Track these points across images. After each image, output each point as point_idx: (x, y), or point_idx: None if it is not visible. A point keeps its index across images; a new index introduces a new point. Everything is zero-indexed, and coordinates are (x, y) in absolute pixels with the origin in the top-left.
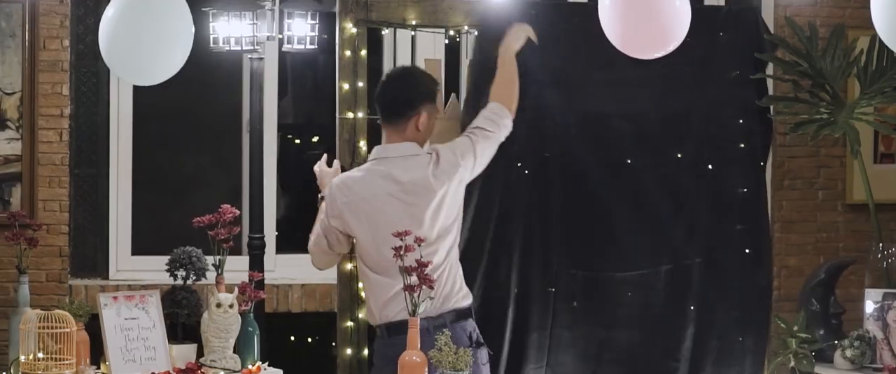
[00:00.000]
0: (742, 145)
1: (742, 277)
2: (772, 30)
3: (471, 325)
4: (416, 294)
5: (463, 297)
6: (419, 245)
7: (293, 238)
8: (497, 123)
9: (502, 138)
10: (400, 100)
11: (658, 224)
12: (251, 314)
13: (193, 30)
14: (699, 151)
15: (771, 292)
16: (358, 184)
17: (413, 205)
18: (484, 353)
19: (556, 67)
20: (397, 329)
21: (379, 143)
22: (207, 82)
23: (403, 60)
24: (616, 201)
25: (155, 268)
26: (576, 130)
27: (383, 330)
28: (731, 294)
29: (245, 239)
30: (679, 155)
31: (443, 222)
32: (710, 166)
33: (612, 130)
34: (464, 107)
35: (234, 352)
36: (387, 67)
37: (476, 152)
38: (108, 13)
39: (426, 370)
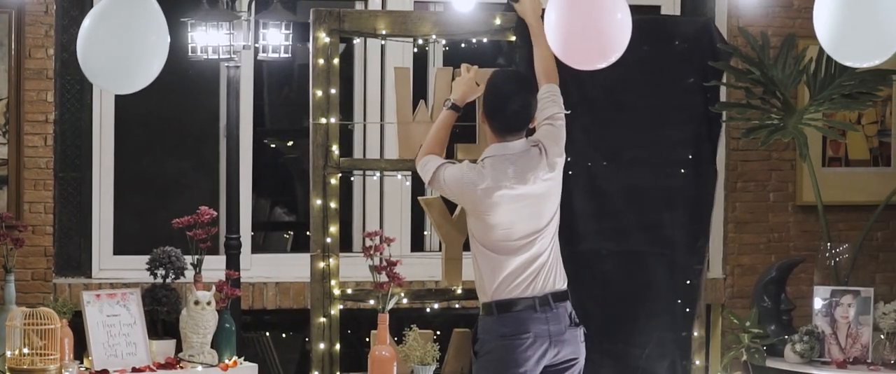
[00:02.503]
0: (694, 149)
1: (692, 274)
2: (726, 39)
3: (569, 306)
4: (386, 291)
5: (563, 280)
6: (388, 245)
7: (268, 239)
8: (560, 104)
9: None
10: (523, 114)
11: (612, 218)
12: (228, 311)
13: (169, 39)
14: (654, 155)
15: (701, 286)
16: (489, 174)
17: (532, 194)
18: (581, 331)
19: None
20: (507, 307)
21: (350, 148)
22: (186, 89)
23: (374, 68)
24: (574, 199)
25: (136, 267)
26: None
27: (494, 307)
28: (681, 290)
29: (222, 239)
30: (635, 157)
31: (551, 209)
32: (665, 169)
33: (569, 133)
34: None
35: (212, 347)
36: (358, 74)
37: (564, 137)
38: (86, 24)
39: (395, 364)
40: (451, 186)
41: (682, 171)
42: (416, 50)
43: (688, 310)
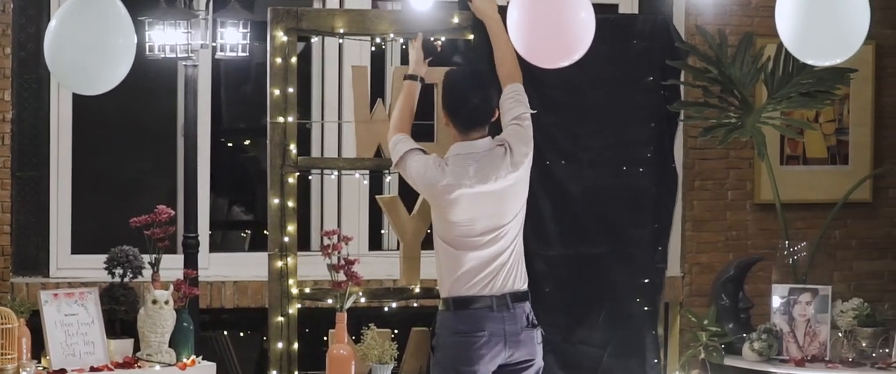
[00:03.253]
0: (653, 148)
1: (654, 273)
2: (684, 37)
3: (528, 307)
4: (344, 290)
5: (523, 281)
6: (346, 244)
7: (226, 238)
8: (525, 103)
9: None
10: (485, 108)
11: (571, 218)
12: (186, 310)
13: (135, 40)
14: (613, 154)
15: (663, 285)
16: (450, 171)
17: (494, 191)
18: (538, 333)
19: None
20: (464, 304)
21: (307, 147)
22: (144, 88)
23: (331, 67)
24: (533, 199)
25: (94, 266)
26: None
27: (451, 303)
28: (642, 289)
29: (180, 238)
30: (594, 156)
31: (515, 207)
32: (624, 168)
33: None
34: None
35: (170, 346)
36: (316, 73)
37: (531, 137)
38: (53, 25)
39: (353, 363)
40: (415, 178)
41: (642, 170)
42: (373, 49)
43: (647, 309)
